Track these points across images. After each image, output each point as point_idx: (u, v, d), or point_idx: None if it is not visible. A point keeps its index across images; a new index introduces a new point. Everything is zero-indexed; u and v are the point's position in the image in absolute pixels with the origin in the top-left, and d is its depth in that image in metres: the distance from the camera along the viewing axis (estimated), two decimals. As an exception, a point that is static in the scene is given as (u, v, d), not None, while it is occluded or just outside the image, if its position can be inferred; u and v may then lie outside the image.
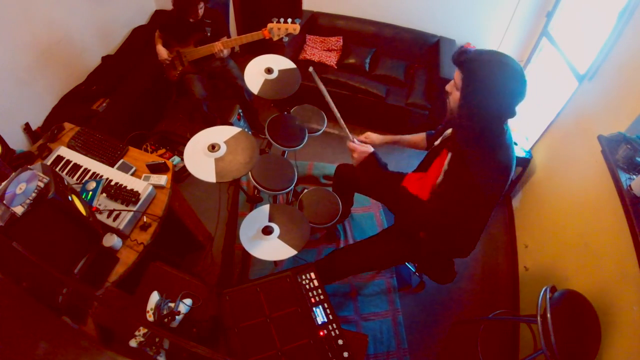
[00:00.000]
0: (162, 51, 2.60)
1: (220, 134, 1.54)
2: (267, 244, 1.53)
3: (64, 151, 1.79)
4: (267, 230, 1.55)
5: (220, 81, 2.88)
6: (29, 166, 1.22)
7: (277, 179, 1.83)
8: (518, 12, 2.82)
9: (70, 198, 1.26)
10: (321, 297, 1.29)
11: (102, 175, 1.69)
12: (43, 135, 1.93)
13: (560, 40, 2.47)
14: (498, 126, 1.23)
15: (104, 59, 2.95)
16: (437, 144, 1.53)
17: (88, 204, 1.48)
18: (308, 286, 1.31)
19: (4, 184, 1.19)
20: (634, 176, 1.53)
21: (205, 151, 1.46)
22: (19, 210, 1.10)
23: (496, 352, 2.11)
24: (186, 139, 2.98)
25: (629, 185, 1.49)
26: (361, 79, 3.04)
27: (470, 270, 2.44)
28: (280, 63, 1.93)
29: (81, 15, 2.69)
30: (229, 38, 2.64)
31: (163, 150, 2.76)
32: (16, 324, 0.89)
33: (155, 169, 1.76)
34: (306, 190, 2.00)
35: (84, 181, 1.64)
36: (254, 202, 2.04)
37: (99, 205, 1.56)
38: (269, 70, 1.86)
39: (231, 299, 1.26)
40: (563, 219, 2.05)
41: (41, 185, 1.14)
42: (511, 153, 1.27)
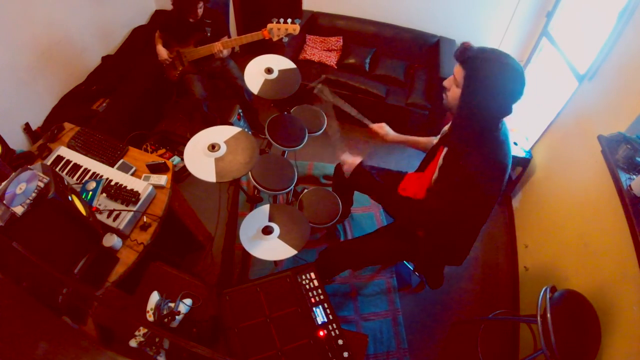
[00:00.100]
0: (162, 51, 2.60)
1: (220, 134, 1.54)
2: (267, 244, 1.53)
3: (64, 151, 1.80)
4: (267, 230, 1.55)
5: (220, 81, 2.88)
6: (29, 166, 1.22)
7: (277, 179, 1.83)
8: (518, 12, 2.82)
9: (70, 198, 1.26)
10: (321, 297, 1.29)
11: (102, 175, 1.69)
12: (43, 135, 1.93)
13: (560, 40, 2.47)
14: (496, 125, 1.24)
15: (104, 59, 2.96)
16: (435, 142, 1.54)
17: (88, 204, 1.48)
18: (308, 286, 1.31)
19: (4, 184, 1.19)
20: (634, 176, 1.53)
21: (205, 151, 1.46)
22: (19, 210, 1.10)
23: (496, 352, 2.11)
24: (186, 139, 2.98)
25: (629, 185, 1.49)
26: (361, 79, 3.04)
27: (470, 270, 2.44)
28: (280, 63, 1.93)
29: (81, 15, 2.69)
30: (229, 38, 2.64)
31: (163, 150, 2.76)
32: (16, 324, 0.89)
33: (155, 169, 1.76)
34: (306, 190, 2.00)
35: (84, 181, 1.64)
36: (254, 202, 2.04)
37: (99, 205, 1.56)
38: (269, 70, 1.86)
39: (231, 299, 1.26)
40: (563, 219, 2.05)
41: (41, 185, 1.14)
42: (507, 150, 1.27)
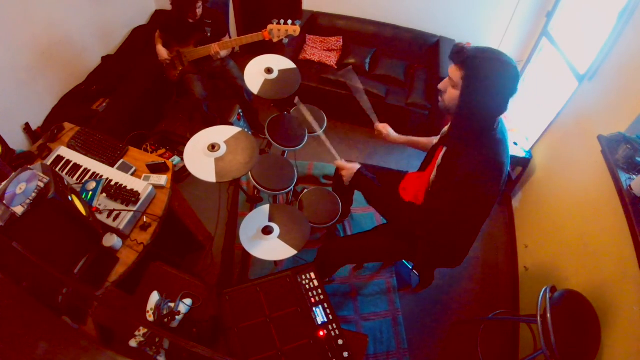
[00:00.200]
0: (162, 51, 2.60)
1: (220, 134, 1.54)
2: (267, 244, 1.53)
3: (64, 151, 1.79)
4: (267, 230, 1.55)
5: (220, 81, 2.88)
6: (29, 166, 1.22)
7: (277, 179, 1.83)
8: (518, 12, 2.82)
9: (70, 198, 1.26)
10: (321, 297, 1.29)
11: (102, 175, 1.69)
12: (43, 135, 1.93)
13: (560, 40, 2.47)
14: (493, 123, 1.23)
15: (104, 59, 2.96)
16: (435, 142, 1.54)
17: (88, 204, 1.48)
18: (308, 286, 1.31)
19: (4, 184, 1.18)
20: (634, 176, 1.53)
21: (205, 151, 1.46)
22: (19, 210, 1.09)
23: (496, 352, 2.11)
24: (186, 139, 2.98)
25: (629, 185, 1.49)
26: (361, 79, 3.03)
27: (470, 270, 2.44)
28: (280, 63, 1.93)
29: (81, 15, 2.69)
30: (230, 38, 2.64)
31: (163, 150, 2.76)
32: (16, 324, 0.89)
33: (155, 169, 1.76)
34: (306, 190, 2.00)
35: (84, 181, 1.64)
36: (254, 202, 2.04)
37: (99, 205, 1.56)
38: (269, 70, 1.86)
39: (231, 299, 1.26)
40: (563, 219, 2.05)
41: (41, 185, 1.14)
42: (505, 149, 1.26)
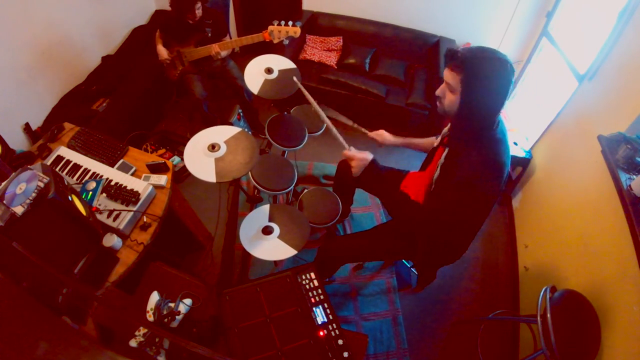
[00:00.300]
0: (163, 51, 2.60)
1: (221, 134, 1.54)
2: (267, 244, 1.53)
3: (64, 151, 1.79)
4: (267, 230, 1.55)
5: (220, 81, 2.88)
6: (29, 166, 1.22)
7: (277, 179, 1.83)
8: (518, 12, 2.82)
9: (70, 198, 1.26)
10: (321, 297, 1.29)
11: (102, 175, 1.69)
12: (43, 135, 1.93)
13: (560, 40, 2.47)
14: (493, 122, 1.23)
15: (104, 59, 2.96)
16: (436, 144, 1.53)
17: (88, 204, 1.48)
18: (308, 286, 1.31)
19: (4, 184, 1.18)
20: (634, 176, 1.53)
21: (205, 151, 1.46)
22: (19, 210, 1.09)
23: (496, 352, 2.11)
24: (186, 139, 2.98)
25: (629, 185, 1.49)
26: (361, 79, 3.04)
27: (470, 270, 2.44)
28: (280, 63, 1.94)
29: (81, 15, 2.69)
30: (230, 39, 2.64)
31: (163, 150, 2.76)
32: (16, 324, 0.89)
33: (155, 169, 1.76)
34: (306, 190, 2.00)
35: (84, 181, 1.64)
36: (254, 202, 2.04)
37: (99, 205, 1.56)
38: (269, 70, 1.86)
39: (231, 299, 1.26)
40: (563, 219, 2.05)
41: (41, 185, 1.14)
42: (505, 148, 1.26)
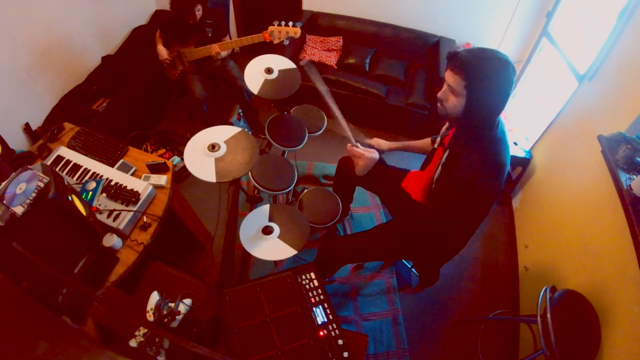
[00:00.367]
0: (163, 51, 2.60)
1: (221, 134, 1.54)
2: (267, 244, 1.53)
3: (64, 151, 1.79)
4: (267, 230, 1.55)
5: (220, 81, 2.89)
6: (29, 166, 1.22)
7: (277, 179, 1.83)
8: (518, 12, 2.82)
9: (70, 198, 1.26)
10: (321, 297, 1.29)
11: (102, 175, 1.69)
12: (43, 135, 1.93)
13: (560, 40, 2.47)
14: (493, 122, 1.24)
15: (104, 59, 2.96)
16: (436, 144, 1.53)
17: (88, 204, 1.48)
18: (308, 286, 1.31)
19: (4, 184, 1.18)
20: (634, 176, 1.53)
21: (205, 151, 1.46)
22: (19, 210, 1.09)
23: (496, 352, 2.11)
24: (186, 139, 2.97)
25: (629, 185, 1.49)
26: (361, 79, 3.04)
27: (470, 270, 2.44)
28: (280, 63, 1.94)
29: (81, 15, 2.69)
30: (230, 39, 2.64)
31: (163, 150, 2.76)
32: (16, 324, 0.89)
33: (155, 169, 1.76)
34: (306, 190, 2.00)
35: (84, 181, 1.64)
36: (254, 202, 2.04)
37: (99, 205, 1.56)
38: (269, 70, 1.86)
39: (231, 299, 1.26)
40: (563, 219, 2.05)
41: (41, 185, 1.14)
42: (505, 148, 1.27)
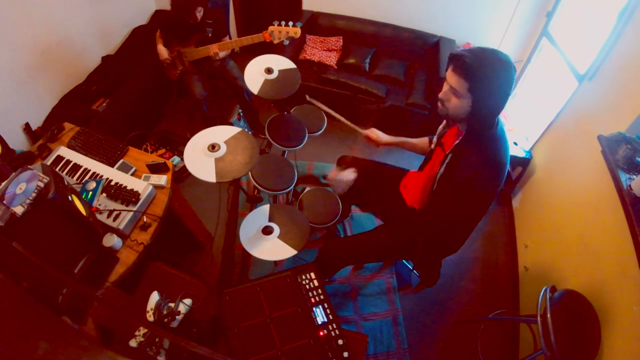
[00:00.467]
0: (163, 51, 2.60)
1: (221, 133, 1.54)
2: (267, 244, 1.53)
3: (64, 151, 1.79)
4: (267, 230, 1.55)
5: (220, 81, 2.89)
6: (29, 166, 1.22)
7: (277, 179, 1.83)
8: (518, 12, 2.82)
9: (70, 198, 1.26)
10: (321, 297, 1.29)
11: (102, 175, 1.69)
12: (43, 135, 1.93)
13: (560, 40, 2.47)
14: (494, 122, 1.24)
15: (104, 59, 2.96)
16: (434, 144, 1.53)
17: (88, 204, 1.48)
18: (308, 286, 1.31)
19: (4, 184, 1.18)
20: (634, 176, 1.53)
21: (205, 151, 1.46)
22: (19, 210, 1.09)
23: (496, 352, 2.11)
24: (186, 139, 2.96)
25: (629, 185, 1.49)
26: (361, 79, 3.04)
27: (470, 270, 2.44)
28: (280, 63, 1.94)
29: (81, 15, 2.69)
30: (230, 39, 2.64)
31: (163, 150, 2.76)
32: (16, 324, 0.89)
33: (155, 169, 1.76)
34: (306, 190, 2.00)
35: (84, 181, 1.64)
36: (254, 202, 2.04)
37: (99, 205, 1.56)
38: (269, 70, 1.86)
39: (231, 299, 1.26)
40: (563, 219, 2.05)
41: (41, 185, 1.14)
42: (505, 147, 1.27)
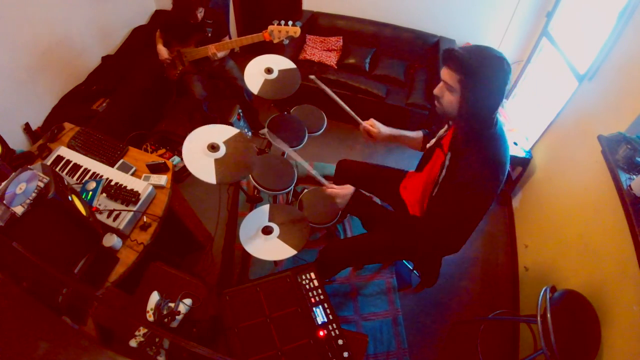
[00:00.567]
0: (163, 51, 2.60)
1: (218, 133, 1.54)
2: (267, 244, 1.53)
3: (64, 151, 1.79)
4: (267, 230, 1.55)
5: (220, 81, 2.89)
6: (29, 166, 1.22)
7: (277, 179, 1.83)
8: (518, 12, 2.83)
9: (70, 198, 1.26)
10: (321, 297, 1.29)
11: (102, 175, 1.69)
12: (43, 135, 1.93)
13: (560, 40, 2.47)
14: (492, 121, 1.23)
15: (104, 59, 2.96)
16: (431, 145, 1.53)
17: (88, 204, 1.48)
18: (308, 286, 1.31)
19: (4, 184, 1.18)
20: (634, 176, 1.53)
21: (205, 151, 1.46)
22: (19, 210, 1.09)
23: (496, 352, 2.11)
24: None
25: (629, 185, 1.49)
26: (361, 79, 3.04)
27: (470, 270, 2.43)
28: (280, 63, 1.94)
29: (81, 15, 2.69)
30: (230, 39, 2.64)
31: (163, 150, 2.76)
32: (16, 324, 0.89)
33: (155, 169, 1.76)
34: (306, 190, 2.00)
35: (84, 181, 1.64)
36: (254, 202, 2.04)
37: (99, 205, 1.56)
38: (269, 70, 1.86)
39: (231, 299, 1.26)
40: (563, 219, 2.05)
41: (41, 185, 1.14)
42: (505, 146, 1.26)
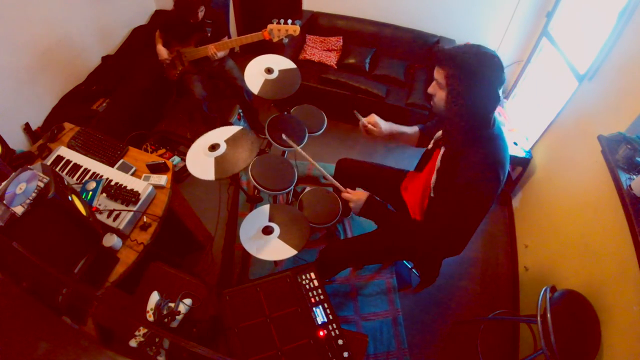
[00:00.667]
0: (162, 51, 2.60)
1: (221, 135, 1.55)
2: (267, 244, 1.53)
3: (64, 151, 1.79)
4: (267, 230, 1.55)
5: (220, 81, 2.89)
6: (29, 166, 1.22)
7: (277, 179, 1.83)
8: (518, 12, 2.82)
9: (70, 198, 1.26)
10: (321, 297, 1.29)
11: (102, 175, 1.69)
12: (43, 135, 1.93)
13: (560, 40, 2.47)
14: (489, 121, 1.23)
15: (104, 59, 2.96)
16: (430, 147, 1.52)
17: (88, 204, 1.48)
18: (308, 286, 1.31)
19: (4, 184, 1.18)
20: (634, 176, 1.53)
21: (206, 151, 1.47)
22: (19, 210, 1.09)
23: (496, 352, 2.11)
24: (186, 139, 2.97)
25: (629, 185, 1.49)
26: (361, 79, 3.04)
27: (470, 270, 2.43)
28: (280, 63, 1.94)
29: (81, 15, 2.69)
30: (230, 38, 2.64)
31: (163, 150, 2.76)
32: (16, 324, 0.89)
33: (155, 169, 1.76)
34: (306, 190, 2.00)
35: (84, 181, 1.64)
36: (254, 202, 2.04)
37: (99, 205, 1.56)
38: (269, 70, 1.87)
39: (231, 299, 1.26)
40: (563, 219, 2.05)
41: (41, 185, 1.14)
42: (504, 146, 1.26)
